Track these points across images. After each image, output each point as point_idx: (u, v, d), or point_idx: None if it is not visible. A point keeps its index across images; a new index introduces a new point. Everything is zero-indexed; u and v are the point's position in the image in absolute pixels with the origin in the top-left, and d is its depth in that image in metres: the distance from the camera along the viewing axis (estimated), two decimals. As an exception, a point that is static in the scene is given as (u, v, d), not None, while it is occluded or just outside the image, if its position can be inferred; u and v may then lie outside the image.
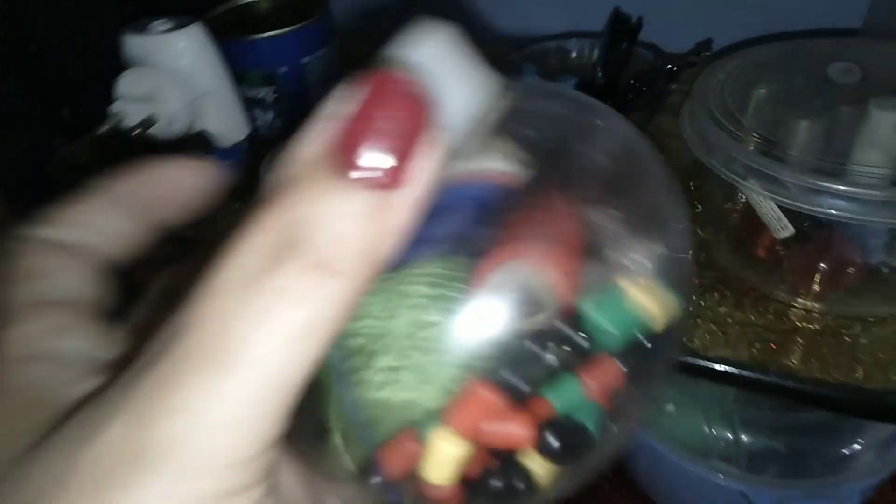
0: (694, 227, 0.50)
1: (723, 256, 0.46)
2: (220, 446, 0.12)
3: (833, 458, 0.51)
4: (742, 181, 0.39)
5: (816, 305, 0.41)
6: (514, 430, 0.15)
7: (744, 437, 0.53)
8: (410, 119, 0.12)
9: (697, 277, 0.46)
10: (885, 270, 0.40)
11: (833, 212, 0.37)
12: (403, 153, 0.11)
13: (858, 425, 0.52)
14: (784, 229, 0.40)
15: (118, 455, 0.11)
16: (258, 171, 0.46)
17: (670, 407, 0.55)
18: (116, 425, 0.12)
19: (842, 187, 0.37)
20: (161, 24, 0.50)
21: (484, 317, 0.15)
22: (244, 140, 0.57)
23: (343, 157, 0.11)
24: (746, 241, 0.44)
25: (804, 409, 0.53)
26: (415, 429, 0.15)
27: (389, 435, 0.16)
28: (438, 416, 0.15)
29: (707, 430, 0.53)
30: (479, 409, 0.15)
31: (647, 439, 0.52)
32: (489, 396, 0.15)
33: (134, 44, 0.50)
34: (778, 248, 0.42)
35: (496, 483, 0.16)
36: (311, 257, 0.11)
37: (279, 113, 0.63)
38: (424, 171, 0.12)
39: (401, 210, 0.12)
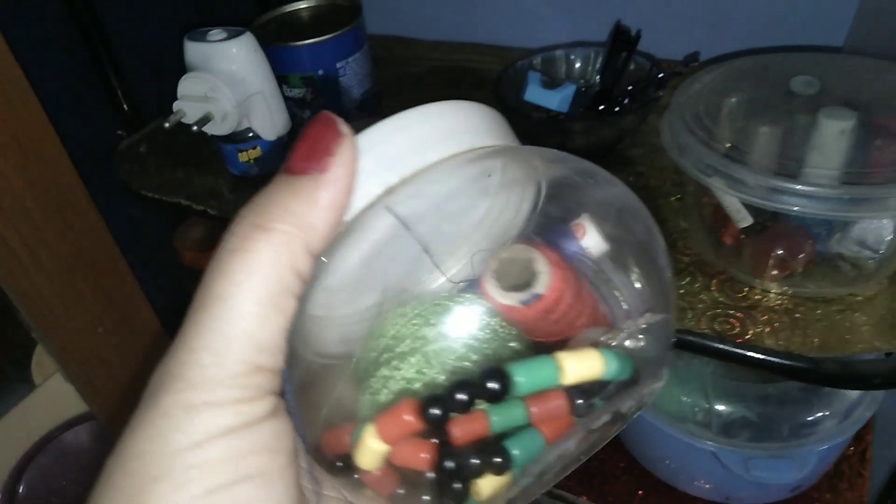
0: (676, 218, 0.57)
1: (697, 243, 0.53)
2: (227, 359, 0.16)
3: (798, 425, 0.58)
4: (707, 178, 0.46)
5: (773, 286, 0.48)
6: (415, 454, 0.19)
7: (717, 407, 0.59)
8: (325, 138, 0.18)
9: (676, 262, 0.52)
10: (832, 256, 0.47)
11: (789, 207, 0.44)
12: (316, 158, 0.18)
13: (824, 395, 0.58)
14: (744, 220, 0.47)
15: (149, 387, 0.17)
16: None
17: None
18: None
19: (797, 186, 0.43)
20: (217, 34, 0.59)
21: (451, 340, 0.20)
22: (286, 134, 0.65)
23: (287, 163, 0.19)
24: (716, 230, 0.51)
25: (774, 381, 0.59)
26: (354, 423, 0.20)
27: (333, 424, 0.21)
28: (373, 418, 0.19)
29: (684, 399, 0.60)
30: (398, 424, 0.19)
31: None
32: (408, 418, 0.19)
33: (193, 50, 0.59)
34: (742, 236, 0.49)
35: (433, 476, 0.19)
36: (252, 219, 0.17)
37: (316, 110, 0.71)
38: (336, 168, 0.18)
39: (305, 188, 0.18)
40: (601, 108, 0.61)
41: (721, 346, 0.46)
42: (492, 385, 0.18)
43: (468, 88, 0.79)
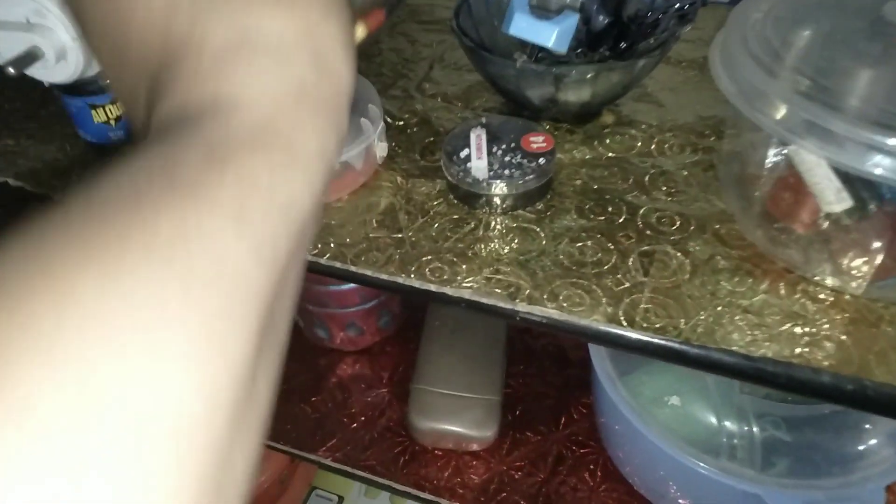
0: (706, 195, 0.43)
1: (750, 230, 0.39)
2: None
3: (849, 454, 0.46)
4: (797, 138, 0.32)
5: (861, 290, 0.35)
6: None
7: (756, 430, 0.47)
8: None
9: (721, 257, 0.38)
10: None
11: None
12: None
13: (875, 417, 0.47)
14: (840, 202, 0.33)
15: None
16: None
17: (674, 400, 0.49)
18: None
19: None
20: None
21: None
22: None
23: None
24: (780, 214, 0.37)
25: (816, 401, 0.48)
26: None
27: None
28: None
29: (717, 423, 0.47)
30: None
31: (649, 438, 0.46)
32: None
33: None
34: (821, 223, 0.35)
35: None
36: None
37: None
38: None
39: None
40: (603, 48, 0.46)
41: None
42: None
43: (413, 25, 0.62)
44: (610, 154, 0.47)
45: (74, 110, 0.45)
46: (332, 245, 0.40)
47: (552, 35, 0.41)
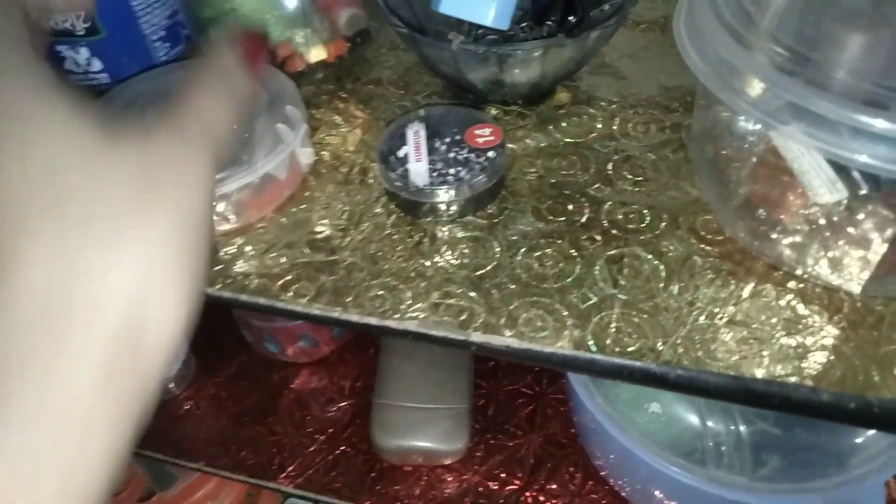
0: (678, 182, 0.38)
1: (730, 223, 0.35)
2: None
3: (844, 448, 0.43)
4: (779, 124, 0.27)
5: (859, 288, 0.31)
6: None
7: (742, 428, 0.43)
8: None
9: (696, 254, 0.34)
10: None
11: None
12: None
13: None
14: (834, 192, 0.28)
15: None
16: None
17: (654, 406, 0.44)
18: None
19: None
20: None
21: None
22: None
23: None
24: (763, 203, 0.32)
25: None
26: None
27: None
28: None
29: (701, 423, 0.43)
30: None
31: (628, 447, 0.42)
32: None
33: None
34: (811, 213, 0.31)
35: None
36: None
37: (97, 50, 0.44)
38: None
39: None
40: (552, 20, 0.40)
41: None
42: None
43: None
44: (567, 140, 0.41)
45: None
46: (254, 278, 0.35)
47: (489, 11, 0.36)
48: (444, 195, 0.36)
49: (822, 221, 0.30)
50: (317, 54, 0.44)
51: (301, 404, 0.64)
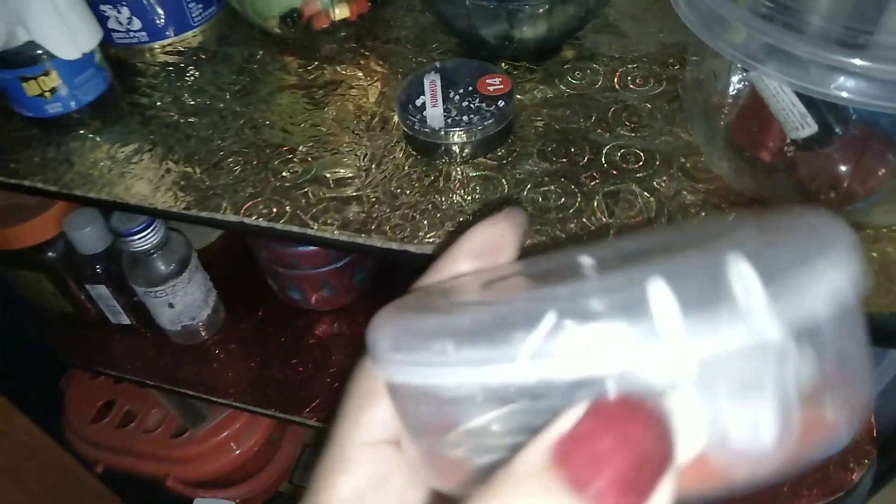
0: (672, 128, 0.42)
1: (716, 162, 0.38)
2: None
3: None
4: (758, 64, 0.30)
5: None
6: None
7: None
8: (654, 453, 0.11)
9: (687, 191, 0.37)
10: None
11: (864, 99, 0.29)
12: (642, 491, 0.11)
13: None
14: (805, 127, 0.32)
15: None
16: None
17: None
18: None
19: (875, 65, 0.28)
20: None
21: None
22: (97, 48, 0.43)
23: (576, 476, 0.11)
24: (746, 143, 0.36)
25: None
26: None
27: None
28: None
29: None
30: None
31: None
32: None
33: None
34: (787, 150, 0.34)
35: None
36: None
37: (137, 10, 0.48)
38: None
39: None
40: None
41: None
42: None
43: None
44: (571, 91, 0.45)
45: (6, 84, 0.42)
46: (287, 209, 0.39)
47: (501, -31, 0.39)
48: (457, 137, 0.40)
49: (796, 156, 0.34)
50: (341, 12, 0.48)
51: (323, 348, 0.69)
